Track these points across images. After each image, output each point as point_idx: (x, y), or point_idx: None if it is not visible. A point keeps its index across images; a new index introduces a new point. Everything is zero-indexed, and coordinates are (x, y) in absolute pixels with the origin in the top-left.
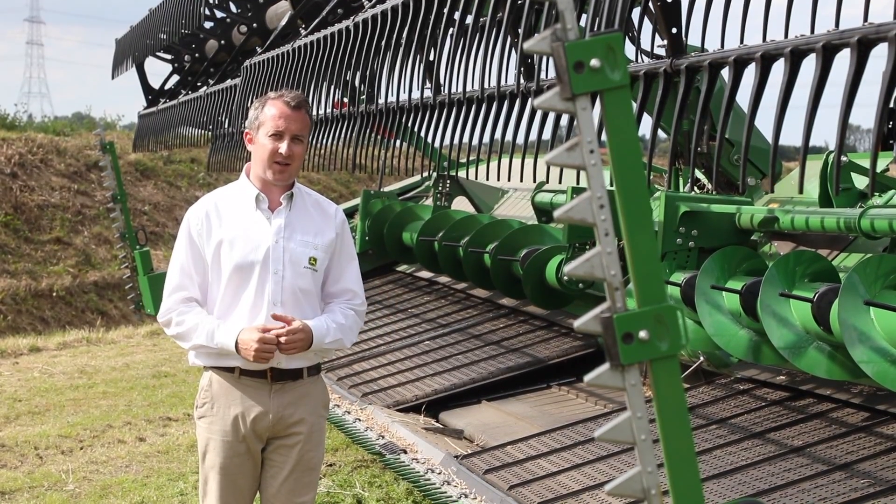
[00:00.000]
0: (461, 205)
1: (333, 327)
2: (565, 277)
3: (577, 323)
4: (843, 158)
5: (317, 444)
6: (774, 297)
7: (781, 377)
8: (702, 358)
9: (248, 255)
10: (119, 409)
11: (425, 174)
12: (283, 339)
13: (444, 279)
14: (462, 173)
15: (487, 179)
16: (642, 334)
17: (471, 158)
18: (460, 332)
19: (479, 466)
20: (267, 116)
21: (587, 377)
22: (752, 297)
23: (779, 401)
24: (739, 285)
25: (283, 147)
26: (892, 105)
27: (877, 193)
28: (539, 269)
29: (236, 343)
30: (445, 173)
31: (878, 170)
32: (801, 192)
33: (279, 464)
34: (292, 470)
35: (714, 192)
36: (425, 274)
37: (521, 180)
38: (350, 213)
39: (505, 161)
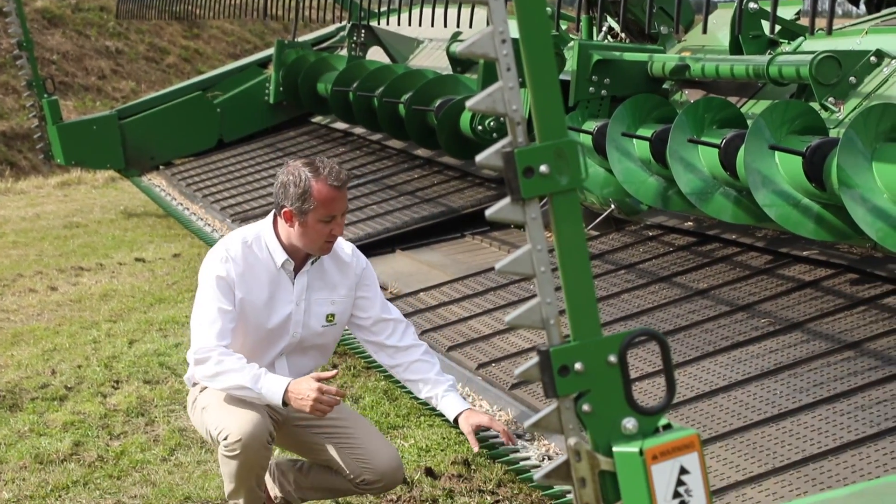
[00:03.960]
0: (376, 55)
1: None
2: (479, 128)
3: (478, 158)
4: (753, 5)
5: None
6: (683, 144)
7: (689, 223)
8: (613, 206)
9: (271, 320)
10: (30, 258)
11: (340, 24)
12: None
13: (358, 130)
14: (376, 22)
15: (399, 26)
16: (543, 168)
17: (385, 8)
18: (375, 182)
19: None
20: (319, 202)
21: (489, 212)
22: (662, 144)
23: (686, 246)
24: (650, 133)
25: (336, 229)
26: None
27: (785, 40)
28: (453, 119)
29: (286, 390)
30: (360, 23)
31: (788, 17)
32: (704, 31)
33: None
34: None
35: (626, 41)
36: (340, 125)
37: (433, 26)
38: (264, 64)
39: (421, 10)
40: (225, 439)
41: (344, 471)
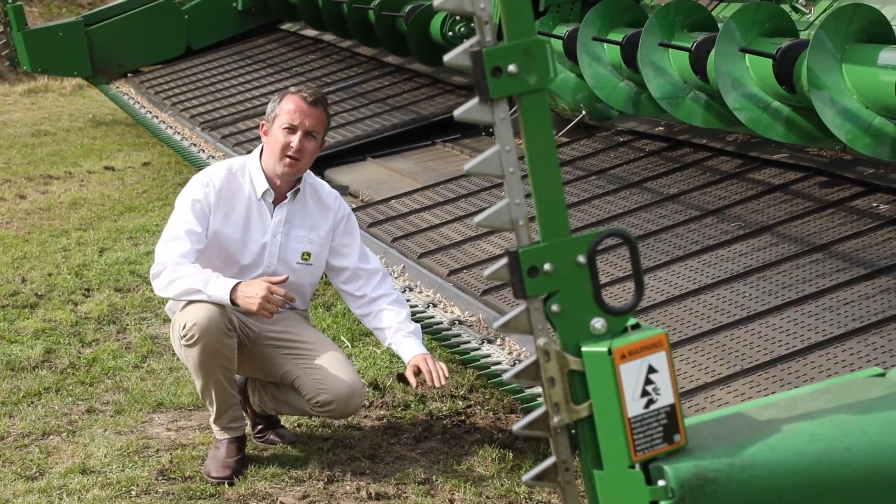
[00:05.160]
0: None
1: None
2: (450, 33)
3: (446, 57)
4: None
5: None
6: (654, 48)
7: (660, 128)
8: (583, 111)
9: (246, 249)
10: None
11: None
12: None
13: (328, 37)
14: None
15: None
16: (511, 68)
17: None
18: (345, 90)
19: (363, 221)
20: (283, 109)
21: (457, 112)
22: (633, 49)
23: (656, 151)
24: (620, 37)
25: (294, 141)
26: None
27: None
28: (424, 25)
29: (234, 290)
30: None
31: None
32: None
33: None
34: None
35: None
36: (310, 32)
37: None
38: None
39: None
40: (183, 328)
41: (303, 390)
